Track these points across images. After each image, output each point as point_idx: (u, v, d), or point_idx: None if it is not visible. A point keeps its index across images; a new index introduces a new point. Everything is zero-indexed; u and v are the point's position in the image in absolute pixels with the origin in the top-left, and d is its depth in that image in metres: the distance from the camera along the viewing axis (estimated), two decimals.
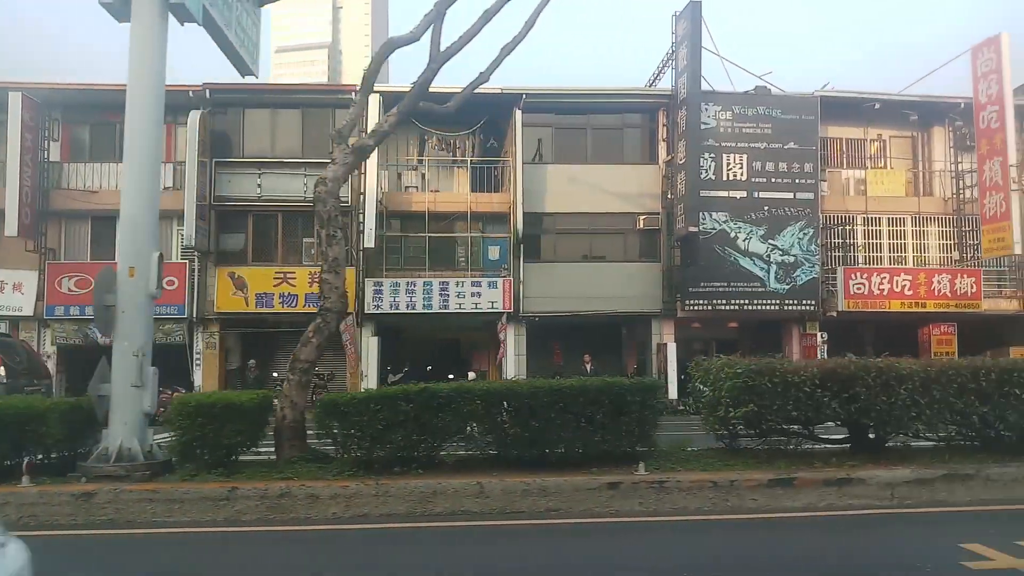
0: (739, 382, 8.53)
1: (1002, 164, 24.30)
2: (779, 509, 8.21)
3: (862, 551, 6.68)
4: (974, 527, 7.39)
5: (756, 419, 8.70)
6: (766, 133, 24.71)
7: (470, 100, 24.94)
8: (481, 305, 24.05)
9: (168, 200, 22.65)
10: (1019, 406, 8.68)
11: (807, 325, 25.23)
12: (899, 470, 8.48)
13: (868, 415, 8.66)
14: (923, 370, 8.60)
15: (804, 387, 8.47)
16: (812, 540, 7.16)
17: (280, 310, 23.69)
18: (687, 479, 8.26)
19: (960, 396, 8.65)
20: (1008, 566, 6.10)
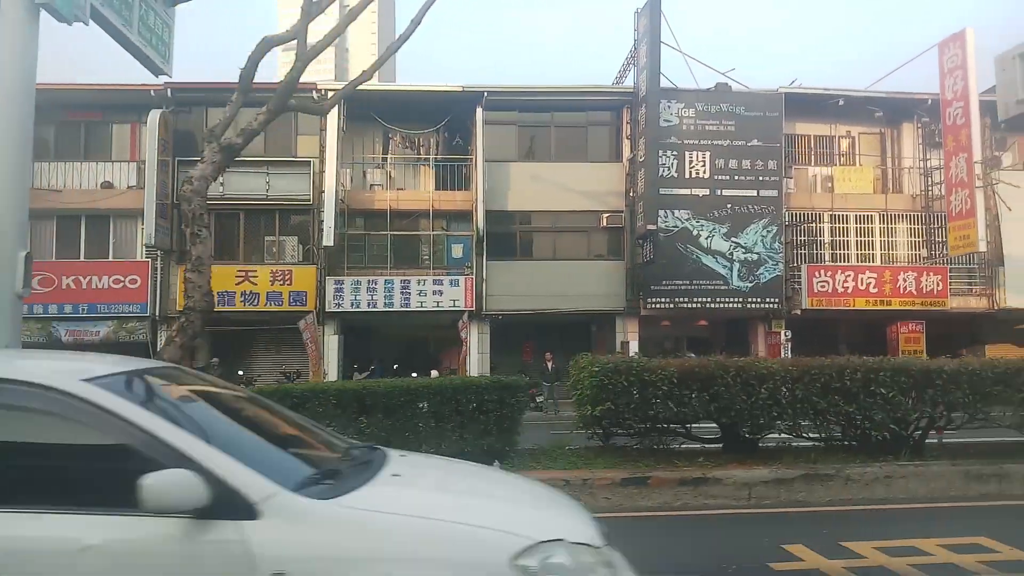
0: (596, 381, 8.53)
1: (967, 160, 24.10)
2: (633, 508, 8.18)
3: (674, 552, 6.66)
4: (812, 527, 7.36)
5: (615, 417, 8.68)
6: (729, 130, 24.62)
7: (433, 98, 25.29)
8: (443, 304, 24.08)
9: (131, 199, 23.01)
10: (885, 405, 8.63)
11: (772, 323, 25.12)
12: (758, 470, 8.44)
13: (728, 414, 8.63)
14: (784, 369, 8.56)
15: (662, 386, 8.45)
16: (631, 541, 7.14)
17: (241, 308, 23.80)
18: (538, 478, 8.22)
19: (824, 395, 8.60)
20: (814, 567, 6.07)
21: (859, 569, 6.05)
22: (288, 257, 24.47)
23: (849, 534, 6.95)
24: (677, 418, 8.73)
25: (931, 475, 8.53)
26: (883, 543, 6.64)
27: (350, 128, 25.15)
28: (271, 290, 23.80)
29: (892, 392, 8.64)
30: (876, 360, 8.74)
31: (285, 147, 24.73)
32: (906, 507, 8.22)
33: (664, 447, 9.29)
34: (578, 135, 26.02)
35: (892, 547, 6.50)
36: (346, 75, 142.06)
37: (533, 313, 24.51)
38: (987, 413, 8.90)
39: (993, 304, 25.56)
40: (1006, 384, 8.79)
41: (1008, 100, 15.98)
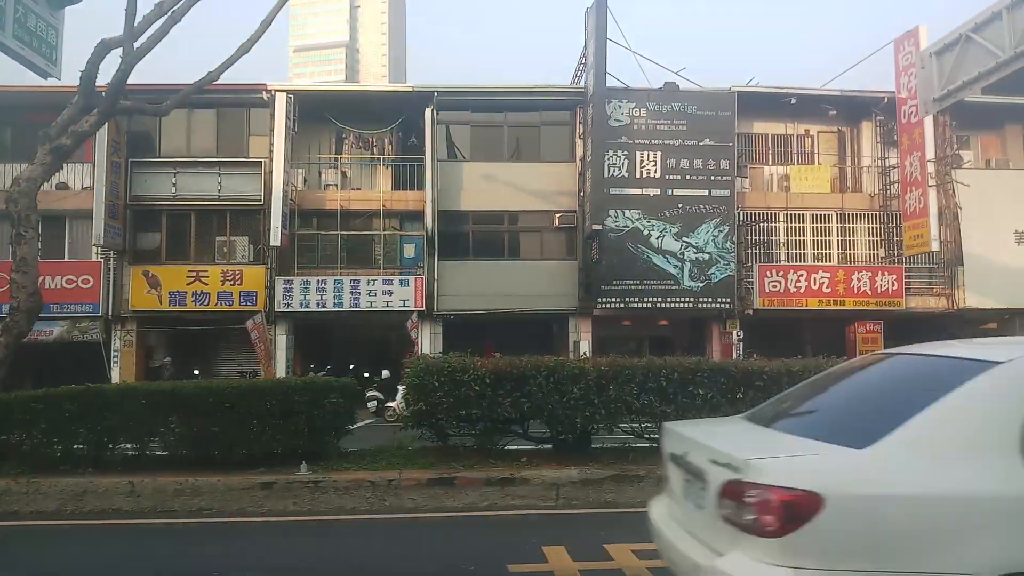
0: (411, 381, 8.54)
1: (921, 159, 23.86)
2: (439, 509, 8.19)
3: (431, 552, 6.69)
4: (594, 528, 7.32)
5: (428, 418, 8.68)
6: (681, 130, 24.49)
7: (385, 98, 25.38)
8: (392, 304, 24.15)
9: (86, 200, 23.25)
10: (704, 406, 8.57)
11: (727, 323, 24.95)
12: (567, 470, 8.42)
13: (541, 414, 8.61)
14: (597, 369, 8.52)
15: (474, 386, 8.43)
16: (404, 542, 7.15)
17: (192, 308, 24.01)
18: (344, 479, 8.29)
19: (639, 395, 8.55)
20: (550, 569, 6.06)
21: (594, 571, 6.04)
22: (239, 257, 24.64)
23: (625, 536, 6.90)
24: (492, 418, 8.71)
25: None
26: (647, 546, 6.56)
27: (305, 128, 25.27)
28: (222, 290, 23.98)
29: (711, 393, 8.57)
30: (694, 360, 8.68)
31: (237, 148, 24.91)
32: None
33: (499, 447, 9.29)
34: (532, 135, 25.99)
35: (653, 550, 6.44)
36: (356, 76, 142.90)
37: (485, 313, 24.51)
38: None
39: (953, 304, 25.23)
40: None
41: (927, 98, 15.87)
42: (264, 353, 23.54)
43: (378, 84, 24.34)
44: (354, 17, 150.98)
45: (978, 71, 14.44)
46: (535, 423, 9.25)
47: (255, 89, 24.35)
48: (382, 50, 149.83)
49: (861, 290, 24.40)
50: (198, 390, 8.46)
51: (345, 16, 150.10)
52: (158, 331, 25.43)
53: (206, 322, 24.44)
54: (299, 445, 8.55)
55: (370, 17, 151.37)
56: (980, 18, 14.35)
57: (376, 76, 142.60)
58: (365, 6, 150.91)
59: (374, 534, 7.48)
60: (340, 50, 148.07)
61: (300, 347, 25.52)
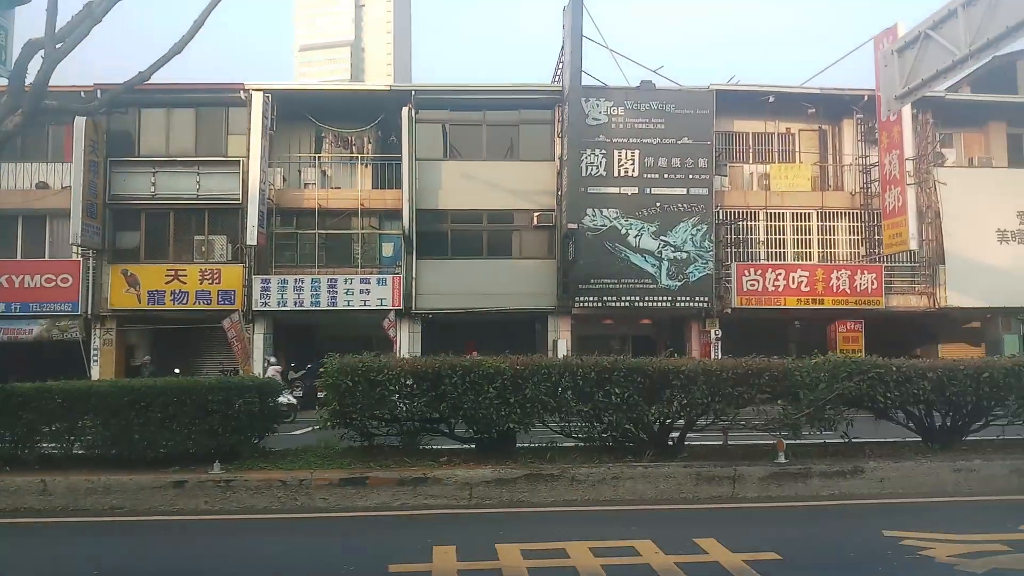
0: (326, 381, 8.54)
1: (899, 157, 23.73)
2: (351, 508, 8.18)
3: (320, 552, 6.67)
4: (488, 527, 7.29)
5: (342, 418, 8.66)
6: (659, 128, 24.43)
7: (364, 97, 25.42)
8: (370, 302, 24.18)
9: (64, 198, 23.36)
10: (621, 405, 8.53)
11: (706, 322, 24.88)
12: (480, 470, 8.39)
13: (457, 413, 8.60)
14: (513, 368, 8.49)
15: (389, 385, 8.42)
16: (298, 542, 7.13)
17: (171, 307, 24.12)
18: (256, 478, 8.27)
19: (554, 395, 8.52)
20: (431, 569, 6.02)
21: (473, 570, 6.01)
22: (217, 256, 24.71)
23: (523, 535, 6.90)
24: (409, 417, 8.70)
25: (659, 476, 8.42)
26: (538, 545, 6.57)
27: (285, 128, 25.34)
28: (200, 289, 24.06)
29: (627, 392, 8.53)
30: (611, 359, 8.64)
31: (216, 147, 24.99)
32: (623, 509, 8.13)
33: (426, 447, 9.28)
34: (511, 133, 25.98)
35: (540, 550, 6.43)
36: (361, 75, 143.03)
37: (463, 312, 24.51)
38: (731, 414, 8.75)
39: (934, 303, 25.09)
40: (746, 384, 8.66)
41: (889, 96, 15.73)
42: (241, 352, 23.61)
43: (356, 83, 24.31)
44: (359, 16, 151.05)
45: (936, 69, 14.25)
46: (462, 423, 9.22)
47: (233, 88, 24.42)
48: (387, 49, 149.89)
49: (840, 289, 24.29)
50: (114, 389, 8.47)
51: (350, 15, 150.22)
52: (138, 330, 25.54)
53: (185, 321, 24.52)
54: (215, 445, 8.54)
55: (375, 17, 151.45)
56: (938, 15, 14.17)
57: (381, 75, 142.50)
58: (370, 6, 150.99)
59: (273, 533, 7.48)
60: (345, 49, 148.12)
61: (280, 346, 25.56)
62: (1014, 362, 8.90)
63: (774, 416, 8.77)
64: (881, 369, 8.65)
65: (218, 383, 8.66)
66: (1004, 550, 6.27)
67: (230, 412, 8.49)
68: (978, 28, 13.11)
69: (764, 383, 8.61)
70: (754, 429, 8.82)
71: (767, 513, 8.07)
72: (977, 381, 8.78)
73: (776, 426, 8.77)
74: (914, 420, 9.61)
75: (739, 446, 9.81)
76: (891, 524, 7.02)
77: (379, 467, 8.50)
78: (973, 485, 8.64)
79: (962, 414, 9.28)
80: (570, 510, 8.11)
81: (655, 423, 8.83)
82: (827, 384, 8.51)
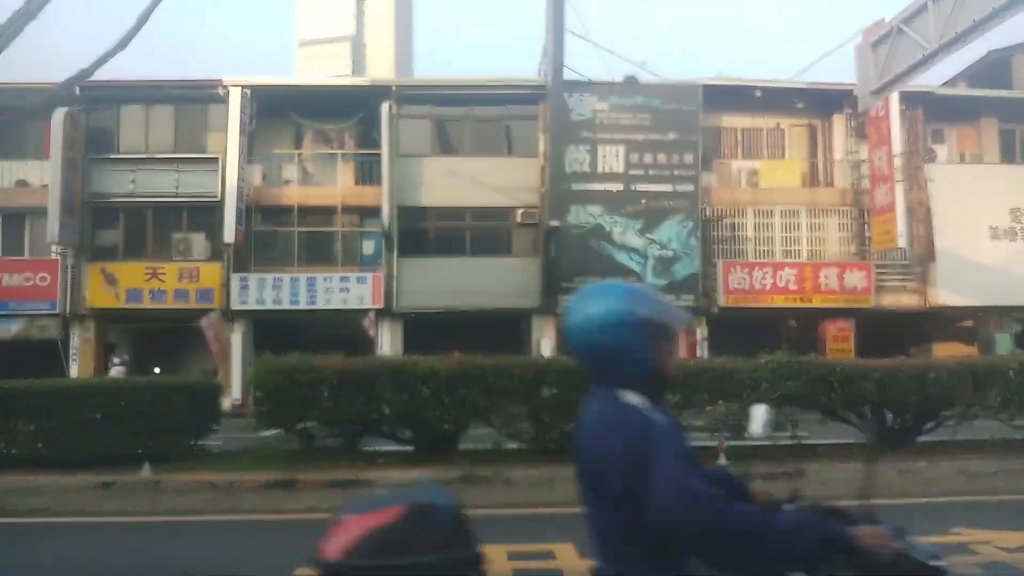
0: (254, 383, 8.35)
1: (888, 153, 23.40)
2: (279, 511, 7.99)
3: (229, 555, 6.51)
4: None
5: (272, 419, 8.47)
6: (644, 124, 24.15)
7: (344, 93, 25.19)
8: (350, 301, 23.93)
9: (43, 196, 23.20)
10: (556, 405, 8.30)
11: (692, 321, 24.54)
12: (413, 472, 8.19)
13: (388, 414, 8.39)
14: (447, 369, 8.28)
15: (319, 386, 8.22)
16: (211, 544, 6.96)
17: (149, 306, 23.93)
18: (185, 480, 8.10)
19: (488, 396, 8.30)
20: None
21: None
22: (196, 254, 24.52)
23: None
24: (337, 419, 8.48)
25: None
26: None
27: (266, 124, 25.14)
28: (179, 287, 23.88)
29: (562, 392, 8.31)
30: (545, 360, 8.43)
31: (195, 144, 24.79)
32: (557, 512, 7.90)
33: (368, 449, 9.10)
34: (494, 129, 25.71)
35: None
36: (363, 70, 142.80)
37: (445, 311, 24.23)
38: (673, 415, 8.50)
39: (925, 301, 24.75)
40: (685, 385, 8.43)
41: (865, 91, 15.52)
42: (220, 352, 23.43)
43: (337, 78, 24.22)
44: (360, 11, 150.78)
45: (908, 63, 14.06)
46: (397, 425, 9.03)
47: (211, 84, 24.23)
48: (389, 45, 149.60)
49: (829, 287, 23.96)
50: (46, 389, 8.29)
51: (352, 11, 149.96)
52: (117, 329, 25.39)
53: (164, 320, 24.36)
54: (146, 446, 8.35)
55: (377, 12, 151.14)
56: (910, 10, 14.00)
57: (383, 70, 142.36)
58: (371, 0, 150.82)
59: (191, 535, 7.30)
60: (346, 44, 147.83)
61: (262, 346, 25.30)
62: (958, 363, 8.65)
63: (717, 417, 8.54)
64: (824, 370, 8.41)
65: (148, 384, 8.49)
66: None
67: (161, 413, 8.29)
68: (947, 22, 12.92)
69: (705, 384, 8.37)
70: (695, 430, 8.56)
71: None
72: (922, 382, 8.54)
73: (719, 427, 8.54)
74: (866, 421, 9.37)
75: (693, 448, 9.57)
76: None
77: (310, 470, 8.31)
78: (918, 487, 8.40)
79: (910, 415, 9.03)
80: (502, 513, 7.87)
81: None
82: (770, 384, 8.27)
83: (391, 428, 9.06)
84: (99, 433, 8.34)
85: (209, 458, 9.11)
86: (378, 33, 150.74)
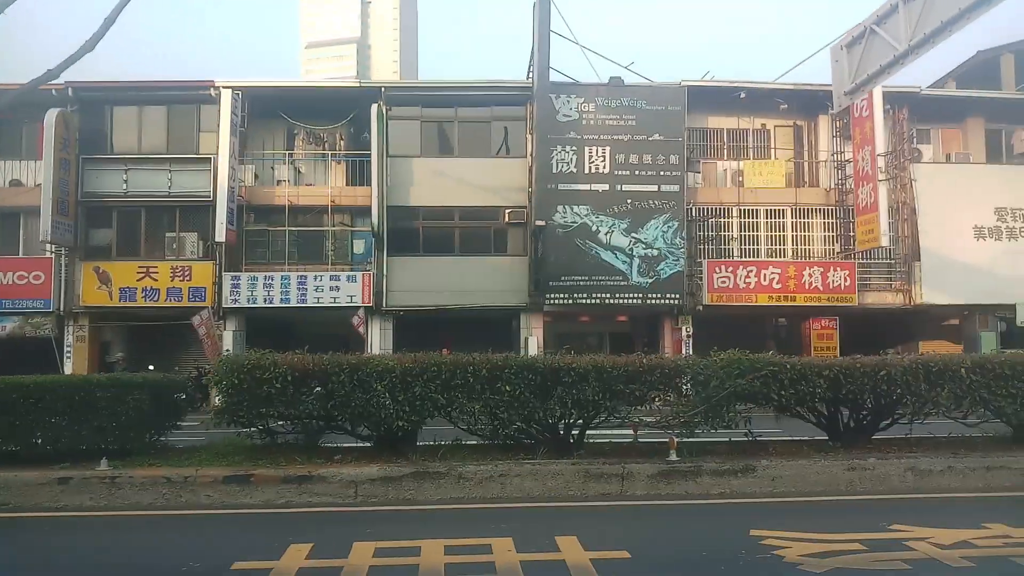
0: (214, 379, 8.55)
1: (871, 153, 23.52)
2: (236, 506, 8.18)
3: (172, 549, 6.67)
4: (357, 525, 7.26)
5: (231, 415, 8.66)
6: (630, 124, 24.33)
7: (335, 94, 25.39)
8: (340, 299, 24.17)
9: (38, 196, 23.46)
10: (512, 402, 8.49)
11: (679, 319, 24.76)
12: (367, 468, 8.38)
13: (344, 411, 8.58)
14: (402, 366, 8.47)
15: (275, 383, 8.40)
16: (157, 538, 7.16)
17: (142, 304, 24.19)
18: (141, 475, 8.29)
19: (444, 392, 8.49)
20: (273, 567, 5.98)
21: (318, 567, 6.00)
22: (188, 253, 24.79)
23: (390, 534, 6.91)
24: (295, 415, 8.68)
25: (548, 474, 8.38)
26: (395, 543, 6.60)
27: (259, 125, 25.40)
28: (171, 286, 24.13)
29: (518, 389, 8.49)
30: (502, 357, 8.60)
31: (188, 144, 25.05)
32: (505, 507, 8.12)
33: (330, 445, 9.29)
34: (483, 130, 25.89)
35: (394, 548, 6.47)
36: (368, 72, 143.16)
37: (435, 309, 24.49)
38: (624, 412, 8.70)
39: (910, 300, 24.89)
40: (639, 382, 8.61)
41: (839, 92, 15.62)
42: (212, 349, 23.63)
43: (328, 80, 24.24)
44: (365, 13, 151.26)
45: (880, 64, 14.14)
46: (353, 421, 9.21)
47: (203, 86, 24.47)
48: (394, 46, 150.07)
49: (813, 286, 24.11)
50: (3, 385, 8.49)
51: (357, 12, 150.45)
52: (112, 327, 25.66)
53: (156, 318, 24.59)
54: (105, 441, 8.56)
55: (382, 13, 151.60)
56: (881, 10, 14.06)
57: (388, 72, 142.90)
58: (376, 3, 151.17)
59: (142, 530, 7.50)
60: (352, 46, 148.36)
61: (255, 343, 25.50)
62: (912, 361, 8.80)
63: (668, 414, 8.71)
64: (775, 367, 8.57)
65: (108, 380, 8.69)
66: (859, 549, 6.23)
67: (120, 409, 8.50)
68: (917, 22, 13.03)
69: (656, 380, 8.55)
70: (649, 427, 8.75)
71: (649, 511, 8.03)
72: (875, 379, 8.70)
73: (671, 424, 8.71)
74: (823, 418, 9.54)
75: (649, 444, 9.75)
76: (763, 523, 6.96)
77: (266, 465, 8.50)
78: (868, 484, 8.57)
79: (864, 412, 9.19)
80: (452, 508, 8.09)
81: (555, 421, 8.79)
82: (720, 382, 8.44)
83: (351, 424, 9.22)
84: (60, 429, 8.52)
85: (171, 453, 9.30)
86: (383, 35, 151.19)
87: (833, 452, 9.11)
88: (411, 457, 8.67)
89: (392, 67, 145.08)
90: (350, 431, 9.42)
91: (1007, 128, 26.62)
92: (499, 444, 9.25)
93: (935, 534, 6.52)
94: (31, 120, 24.56)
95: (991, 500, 7.65)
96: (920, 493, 8.46)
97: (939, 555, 6.02)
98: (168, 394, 9.29)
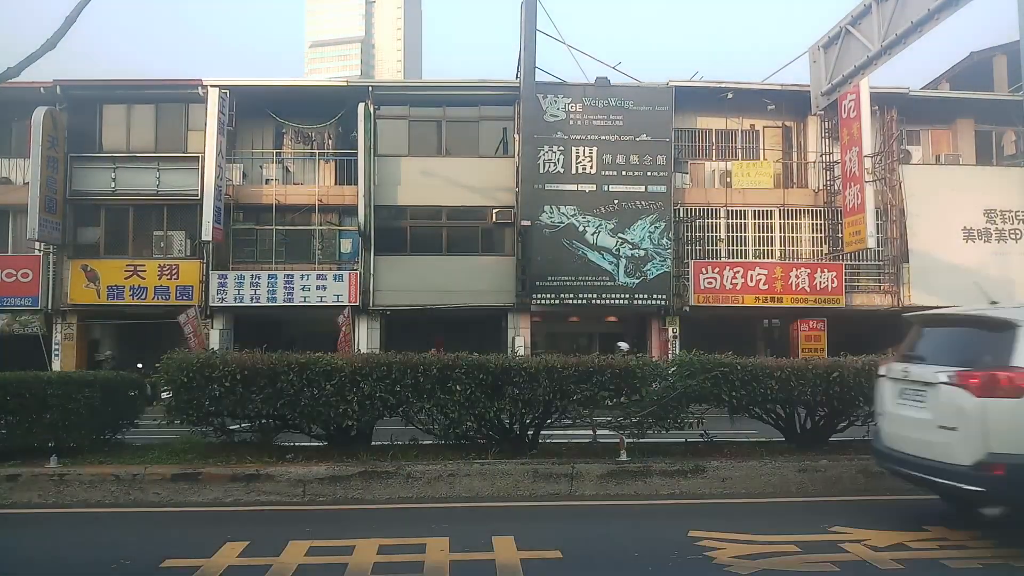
0: (162, 378, 8.57)
1: (858, 154, 23.47)
2: (183, 504, 8.19)
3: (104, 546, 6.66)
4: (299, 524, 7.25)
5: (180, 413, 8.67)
6: (617, 125, 24.32)
7: (323, 93, 25.41)
8: (326, 298, 24.20)
9: (25, 193, 23.53)
10: (463, 402, 8.49)
11: (666, 320, 24.74)
12: (315, 467, 8.37)
13: (293, 410, 8.58)
14: (351, 365, 8.48)
15: (223, 382, 8.40)
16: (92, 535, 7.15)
17: (130, 302, 24.25)
18: (90, 472, 8.31)
19: (393, 391, 8.49)
20: (202, 564, 5.97)
21: (248, 565, 6.00)
22: (176, 252, 24.86)
23: (327, 533, 6.92)
24: (243, 414, 8.69)
25: (497, 474, 8.37)
26: (330, 542, 6.60)
27: (247, 124, 25.44)
28: (159, 284, 24.20)
29: (469, 389, 8.49)
30: (452, 356, 8.60)
31: (176, 143, 25.13)
32: (451, 506, 8.09)
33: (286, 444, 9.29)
34: (470, 130, 25.91)
35: (328, 547, 6.46)
36: (372, 71, 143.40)
37: (422, 309, 24.51)
38: (575, 412, 8.70)
39: (898, 302, 24.80)
40: (589, 382, 8.60)
41: (817, 93, 15.62)
42: (198, 347, 23.64)
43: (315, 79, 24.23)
44: (369, 13, 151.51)
45: (854, 64, 14.13)
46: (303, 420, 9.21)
47: (192, 84, 24.53)
48: (398, 46, 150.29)
49: (799, 287, 24.07)
50: None
51: (361, 12, 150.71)
52: (100, 325, 25.73)
53: (144, 316, 24.64)
54: (57, 438, 8.58)
55: (385, 13, 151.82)
56: (856, 10, 14.04)
57: (392, 71, 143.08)
58: (380, 2, 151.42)
59: (83, 527, 7.48)
60: (356, 46, 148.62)
61: (242, 342, 25.56)
62: (865, 362, 8.77)
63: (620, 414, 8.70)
64: (726, 368, 8.55)
65: (58, 378, 8.71)
66: (792, 551, 6.22)
67: (70, 407, 8.52)
68: (889, 23, 13.03)
69: (606, 380, 8.54)
70: (598, 427, 8.74)
71: (593, 511, 8.00)
72: (827, 381, 8.68)
73: (623, 425, 8.70)
74: (780, 420, 9.52)
75: (605, 445, 9.73)
76: (704, 524, 6.94)
77: (217, 463, 8.51)
78: (818, 486, 8.54)
79: (819, 414, 9.17)
80: (399, 507, 8.07)
81: (507, 421, 8.79)
82: (671, 382, 8.43)
83: (304, 423, 9.22)
84: (11, 427, 8.54)
85: (124, 451, 9.31)
86: (387, 34, 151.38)
87: (786, 454, 9.08)
88: (362, 456, 8.66)
89: (396, 67, 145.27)
90: (305, 431, 9.42)
91: (997, 129, 26.56)
92: (454, 444, 9.23)
93: (872, 536, 6.51)
94: (19, 118, 24.68)
95: (938, 502, 7.59)
96: (871, 495, 8.42)
97: (870, 557, 6.01)
98: (122, 391, 9.29)
